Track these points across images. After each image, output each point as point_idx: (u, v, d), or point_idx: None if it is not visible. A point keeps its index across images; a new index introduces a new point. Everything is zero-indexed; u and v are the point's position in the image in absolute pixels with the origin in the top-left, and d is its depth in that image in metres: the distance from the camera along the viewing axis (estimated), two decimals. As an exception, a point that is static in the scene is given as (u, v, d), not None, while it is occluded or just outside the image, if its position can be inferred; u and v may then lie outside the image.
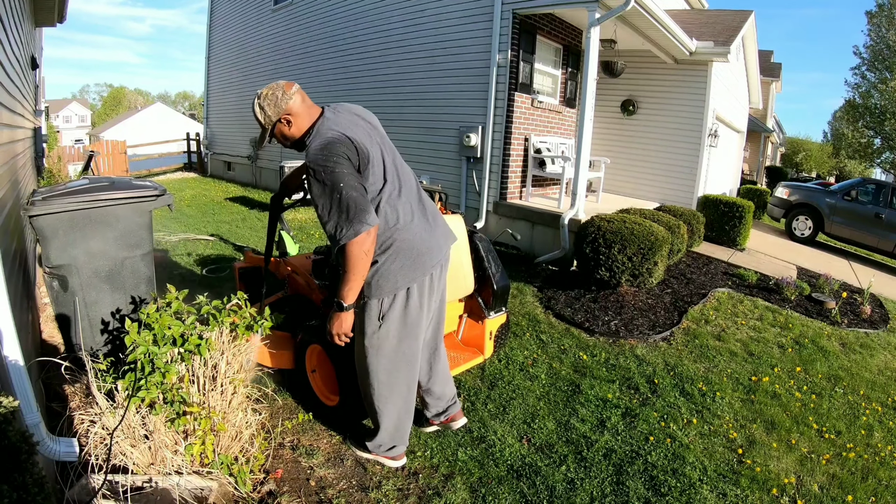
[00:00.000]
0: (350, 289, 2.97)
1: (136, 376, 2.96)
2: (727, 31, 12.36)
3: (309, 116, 3.12)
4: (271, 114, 3.04)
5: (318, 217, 2.95)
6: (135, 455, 3.00)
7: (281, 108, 3.04)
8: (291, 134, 3.13)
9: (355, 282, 2.96)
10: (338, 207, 2.84)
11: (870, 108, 31.24)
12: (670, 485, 3.77)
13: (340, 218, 2.83)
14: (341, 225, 2.83)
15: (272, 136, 3.18)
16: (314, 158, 2.89)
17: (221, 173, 19.06)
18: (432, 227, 3.34)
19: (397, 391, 3.45)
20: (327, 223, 2.90)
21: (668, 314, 6.97)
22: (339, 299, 3.01)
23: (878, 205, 13.67)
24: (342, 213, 2.83)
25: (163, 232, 9.39)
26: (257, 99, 3.06)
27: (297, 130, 3.11)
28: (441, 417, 3.93)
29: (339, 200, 2.83)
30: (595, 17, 8.13)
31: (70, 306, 3.80)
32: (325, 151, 2.89)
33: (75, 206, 3.66)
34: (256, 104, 3.06)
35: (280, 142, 3.23)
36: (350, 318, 3.11)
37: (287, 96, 3.04)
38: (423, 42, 10.82)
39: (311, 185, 2.90)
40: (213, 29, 19.21)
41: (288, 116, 3.06)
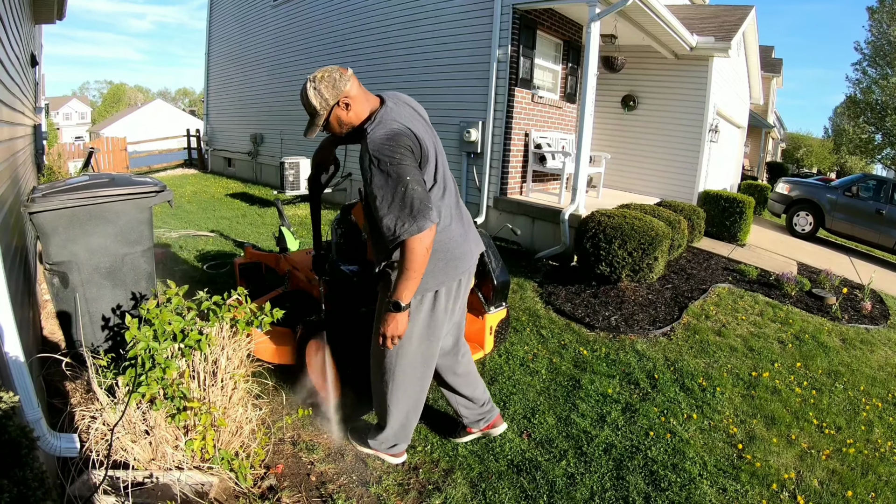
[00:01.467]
0: (408, 287, 2.84)
1: (137, 372, 2.96)
2: (728, 26, 12.34)
3: (367, 102, 2.99)
4: (329, 97, 2.86)
5: (374, 208, 2.83)
6: (136, 451, 3.01)
7: (340, 90, 2.87)
8: (349, 119, 2.95)
9: (414, 280, 2.83)
10: (401, 201, 2.72)
11: (871, 104, 31.17)
12: (670, 479, 3.78)
13: (402, 212, 2.72)
14: (403, 219, 2.72)
15: (327, 123, 2.97)
16: (379, 148, 2.76)
17: (222, 169, 19.06)
18: (466, 232, 3.29)
19: (410, 391, 3.43)
20: (385, 216, 2.76)
21: (668, 309, 6.97)
22: (396, 299, 2.86)
23: (879, 201, 13.68)
24: (405, 207, 2.72)
25: (163, 228, 9.40)
26: (311, 82, 2.88)
27: (355, 116, 2.95)
28: (480, 424, 3.92)
29: (404, 194, 2.72)
30: (595, 12, 8.12)
31: (71, 303, 3.81)
32: (392, 142, 2.79)
33: (75, 203, 3.66)
34: (310, 88, 2.87)
35: (332, 130, 3.03)
36: (406, 319, 2.96)
37: (345, 79, 2.89)
38: (423, 37, 10.82)
39: (373, 175, 2.76)
40: (213, 25, 19.20)
41: (347, 100, 2.89)
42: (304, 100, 2.90)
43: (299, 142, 14.76)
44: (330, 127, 3.00)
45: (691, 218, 9.85)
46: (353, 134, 3.06)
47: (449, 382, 3.74)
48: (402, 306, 2.87)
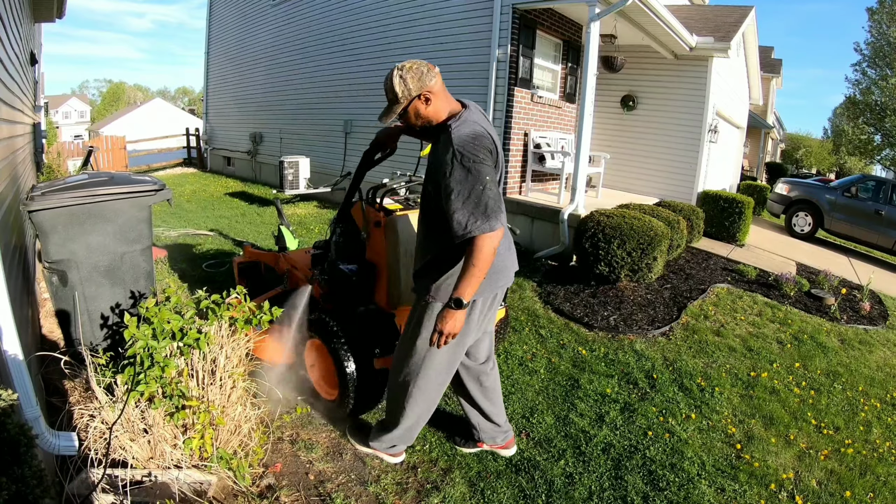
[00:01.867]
0: (471, 285, 2.82)
1: (136, 370, 2.96)
2: (727, 26, 12.35)
3: (447, 103, 3.02)
4: (413, 87, 2.90)
5: (446, 202, 2.82)
6: (134, 449, 3.01)
7: (425, 83, 2.91)
8: (426, 113, 2.99)
9: (478, 278, 2.82)
10: (476, 199, 2.74)
11: (870, 105, 31.18)
12: (669, 479, 3.78)
13: (476, 210, 2.74)
14: (476, 216, 2.73)
15: (405, 112, 3.01)
16: (464, 144, 2.80)
17: (221, 168, 19.05)
18: (509, 248, 3.34)
19: (428, 396, 3.43)
20: (457, 211, 2.76)
21: (667, 309, 6.98)
22: (458, 296, 2.83)
23: (879, 201, 13.68)
24: (479, 205, 2.74)
25: (162, 227, 9.40)
26: (398, 70, 2.91)
27: (433, 111, 2.99)
28: (497, 441, 3.89)
29: (481, 193, 2.75)
30: (595, 12, 8.12)
31: (70, 301, 3.81)
32: (476, 142, 2.84)
33: (74, 201, 3.67)
34: (396, 75, 2.90)
35: (408, 120, 3.08)
36: (464, 317, 2.94)
37: (432, 74, 2.93)
38: (423, 37, 10.81)
39: (454, 169, 2.77)
40: (213, 24, 19.19)
41: (429, 94, 2.93)
42: (388, 85, 2.95)
43: (299, 141, 14.76)
44: (406, 116, 3.05)
45: (690, 218, 9.86)
46: (427, 130, 3.14)
47: (472, 393, 3.72)
48: (464, 304, 2.86)
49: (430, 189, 3.05)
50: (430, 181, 3.05)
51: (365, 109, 12.54)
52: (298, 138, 14.84)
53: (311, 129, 14.34)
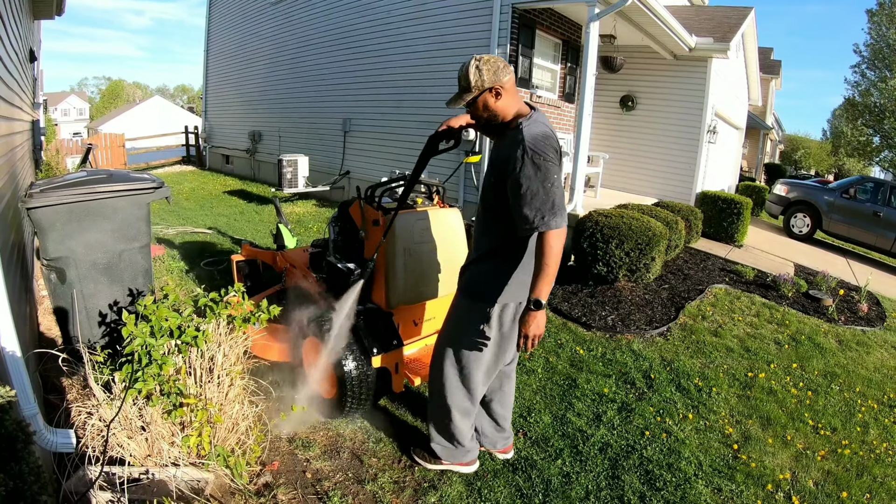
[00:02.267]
0: (547, 283, 2.83)
1: (133, 368, 2.96)
2: (727, 27, 12.36)
3: (515, 103, 3.05)
4: (487, 79, 2.92)
5: (514, 196, 2.85)
6: (132, 447, 3.01)
7: (499, 78, 2.94)
8: (494, 108, 3.01)
9: (552, 276, 2.82)
10: (545, 195, 2.77)
11: (869, 107, 31.19)
12: (665, 479, 3.79)
13: (545, 206, 2.77)
14: (545, 212, 2.76)
15: (474, 101, 3.02)
16: (536, 142, 2.83)
17: (220, 166, 19.04)
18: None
19: (470, 399, 3.43)
20: (525, 205, 2.79)
21: (665, 310, 6.98)
22: (536, 297, 2.84)
23: (877, 203, 13.69)
24: (548, 202, 2.77)
25: (161, 225, 9.39)
26: (475, 60, 2.95)
27: (501, 107, 3.01)
28: (498, 446, 3.88)
29: (550, 190, 2.79)
30: (595, 13, 8.13)
31: (68, 298, 3.81)
32: (547, 141, 2.88)
33: (73, 199, 3.66)
34: (473, 64, 2.94)
35: (475, 110, 3.09)
36: (544, 317, 2.93)
37: (506, 71, 2.96)
38: (423, 36, 10.81)
39: (524, 165, 2.79)
40: (213, 22, 19.17)
41: (500, 89, 2.95)
42: (463, 73, 2.98)
43: (298, 139, 14.76)
44: (474, 107, 3.05)
45: (689, 218, 9.86)
46: (490, 125, 3.14)
47: (489, 396, 3.71)
48: (543, 304, 2.86)
49: (493, 181, 3.08)
50: (494, 175, 3.07)
51: (364, 108, 12.54)
52: (297, 137, 14.83)
53: (310, 128, 14.34)
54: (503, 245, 3.10)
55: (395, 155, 11.66)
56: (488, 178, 3.15)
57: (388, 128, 11.89)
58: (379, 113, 12.12)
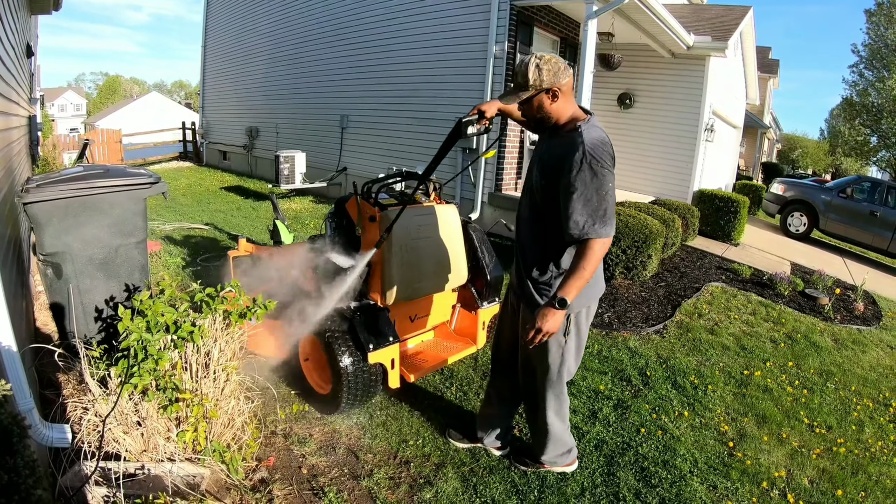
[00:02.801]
0: (577, 287, 2.81)
1: (129, 363, 2.96)
2: (725, 26, 12.37)
3: (570, 106, 3.00)
4: (546, 79, 2.85)
5: (566, 200, 2.82)
6: (127, 442, 3.01)
7: (558, 79, 2.87)
8: (549, 109, 2.96)
9: (585, 280, 2.81)
10: (597, 203, 2.76)
11: (867, 107, 31.27)
12: (661, 476, 3.79)
13: (596, 214, 2.76)
14: (595, 220, 2.76)
15: (529, 100, 2.97)
16: (594, 147, 2.80)
17: (217, 163, 19.01)
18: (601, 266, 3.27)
19: (564, 402, 3.50)
20: (575, 210, 2.78)
21: (661, 307, 6.99)
22: (563, 296, 2.81)
23: (874, 202, 13.73)
24: (599, 209, 2.77)
25: (158, 221, 9.38)
26: (536, 58, 2.87)
27: (556, 109, 2.95)
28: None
29: (603, 198, 2.78)
30: (593, 10, 8.12)
31: (64, 294, 3.80)
32: (605, 148, 2.86)
33: (70, 194, 3.66)
34: (533, 63, 2.86)
35: (529, 109, 3.03)
36: (563, 317, 2.93)
37: (566, 73, 2.90)
38: (422, 33, 10.81)
39: (581, 169, 2.76)
40: (210, 18, 19.13)
41: (558, 91, 2.89)
42: (521, 69, 2.91)
43: (295, 136, 14.74)
44: (529, 105, 3.00)
45: (686, 217, 9.88)
46: (541, 124, 3.10)
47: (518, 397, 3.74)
48: (567, 304, 2.84)
49: (544, 183, 3.01)
50: (546, 176, 3.00)
51: (361, 105, 12.54)
52: (294, 133, 14.82)
53: (308, 124, 14.33)
54: (562, 253, 3.08)
55: (393, 151, 11.66)
56: (538, 180, 3.07)
57: (385, 124, 11.89)
58: (376, 109, 12.12)
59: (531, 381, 3.44)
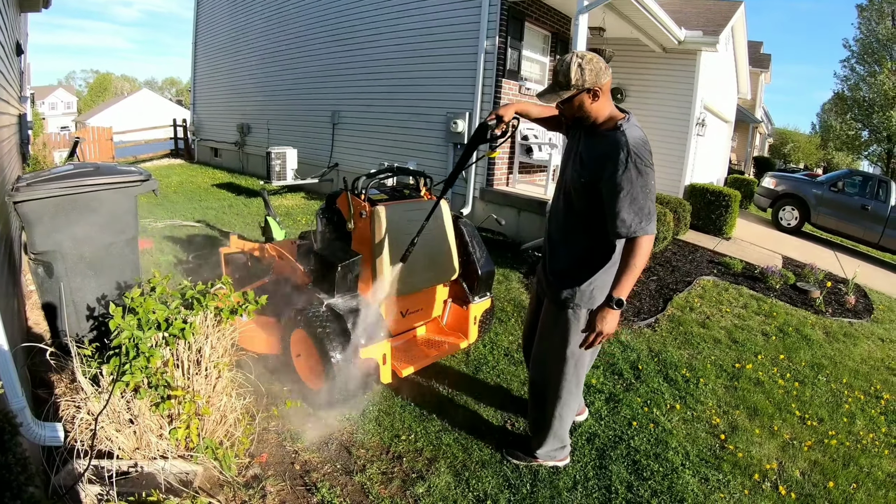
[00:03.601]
0: (631, 284, 2.87)
1: (121, 361, 2.96)
2: (717, 20, 12.40)
3: (609, 105, 3.02)
4: (588, 79, 2.88)
5: (612, 199, 2.85)
6: (120, 440, 3.01)
7: (600, 79, 2.91)
8: (589, 108, 2.97)
9: (636, 277, 2.87)
10: (643, 201, 2.80)
11: (858, 101, 31.53)
12: (653, 469, 3.81)
13: (642, 212, 2.80)
14: (641, 217, 2.80)
15: (570, 100, 2.97)
16: (638, 146, 2.84)
17: (208, 160, 18.97)
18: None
19: (576, 398, 3.54)
20: (623, 209, 2.81)
21: (653, 301, 7.02)
22: (618, 296, 2.87)
23: (865, 196, 13.78)
24: (645, 208, 2.80)
25: (149, 218, 9.35)
26: (577, 57, 2.88)
27: (596, 108, 2.98)
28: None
29: (647, 196, 2.82)
30: (584, 5, 8.11)
31: (55, 292, 3.79)
32: (647, 147, 2.89)
33: (60, 192, 3.65)
34: (575, 62, 2.87)
35: (568, 108, 3.04)
36: (618, 316, 2.96)
37: (607, 73, 2.93)
38: (413, 27, 10.78)
39: (627, 168, 2.79)
40: (201, 13, 19.06)
41: (598, 91, 2.92)
42: (563, 69, 2.92)
43: (286, 132, 14.71)
44: (570, 105, 3.00)
45: (677, 211, 9.91)
46: (578, 122, 3.11)
47: None
48: (623, 303, 2.89)
49: (584, 182, 3.02)
50: (586, 174, 3.00)
51: (352, 100, 12.51)
52: (286, 129, 14.78)
53: (299, 120, 14.30)
54: (594, 251, 3.13)
55: (384, 146, 11.65)
56: (576, 178, 3.08)
57: (376, 120, 11.87)
58: (367, 105, 12.10)
59: (542, 374, 3.50)
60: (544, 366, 3.48)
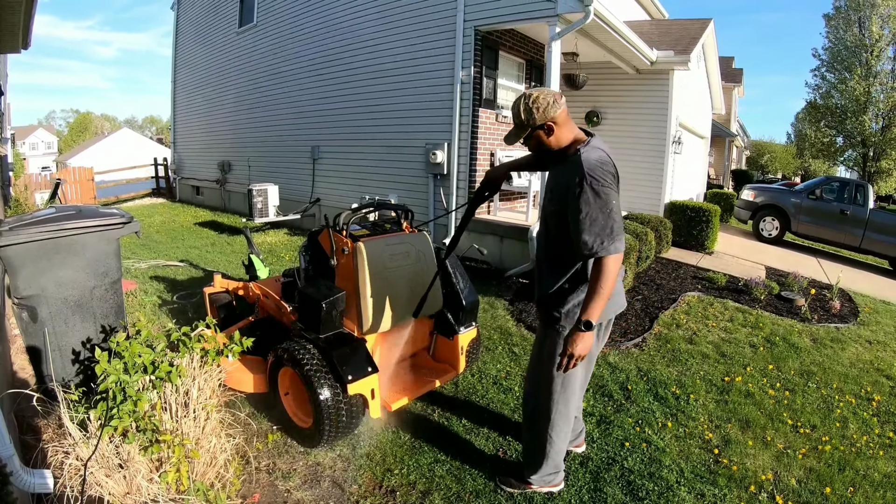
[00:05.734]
0: (600, 306, 2.92)
1: (108, 405, 2.94)
2: (687, 39, 12.54)
3: (569, 130, 3.11)
4: (537, 117, 3.01)
5: (574, 222, 2.94)
6: (110, 485, 2.98)
7: (548, 114, 3.00)
8: (547, 141, 3.10)
9: (604, 299, 2.92)
10: (604, 221, 2.86)
11: (830, 108, 32.00)
12: (648, 488, 3.81)
13: (604, 231, 2.86)
14: (603, 238, 2.86)
15: (529, 138, 3.14)
16: (593, 168, 2.90)
17: (190, 198, 18.94)
18: (622, 277, 3.46)
19: (567, 420, 3.52)
20: (585, 231, 2.88)
21: (639, 320, 7.04)
22: (587, 318, 2.92)
23: (843, 201, 13.95)
24: (606, 227, 2.86)
25: (133, 259, 9.31)
26: (525, 99, 3.04)
27: (554, 140, 3.09)
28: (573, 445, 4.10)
29: (608, 216, 2.87)
30: (556, 31, 8.21)
31: (40, 337, 3.77)
32: (605, 168, 2.94)
33: (43, 236, 3.65)
34: (523, 104, 3.04)
35: (531, 145, 3.20)
36: (592, 338, 3.03)
37: (556, 106, 3.01)
38: (390, 60, 10.85)
39: (583, 191, 2.87)
40: (179, 52, 19.15)
41: (552, 125, 3.03)
42: (515, 111, 3.10)
43: (267, 168, 14.73)
44: (530, 141, 3.16)
45: (658, 229, 9.97)
46: (549, 154, 3.21)
47: None
48: (593, 326, 2.94)
49: (553, 209, 3.17)
50: (554, 202, 3.15)
51: (332, 135, 12.57)
52: (266, 166, 14.81)
53: (279, 156, 14.33)
54: (577, 273, 3.18)
55: (365, 180, 11.68)
56: (548, 206, 3.23)
57: (356, 153, 11.90)
58: (347, 139, 12.14)
59: (533, 395, 3.55)
60: (534, 386, 3.53)
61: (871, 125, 30.32)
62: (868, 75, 29.87)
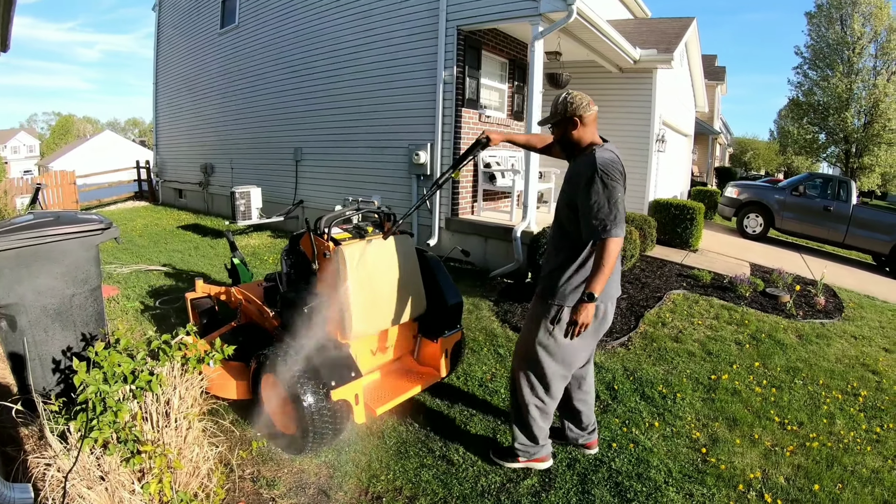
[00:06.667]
0: (601, 282, 3.27)
1: (88, 416, 2.90)
2: (670, 38, 12.56)
3: (591, 134, 3.60)
4: (570, 110, 3.51)
5: (584, 208, 3.35)
6: (92, 497, 2.94)
7: (577, 111, 3.51)
8: (571, 134, 3.58)
9: (606, 275, 3.27)
10: (609, 209, 3.26)
11: (813, 105, 32.29)
12: (636, 489, 3.80)
13: (609, 217, 3.25)
14: (608, 222, 3.25)
15: (557, 124, 3.63)
16: (605, 165, 3.33)
17: (173, 201, 18.83)
18: (619, 269, 3.81)
19: (545, 392, 3.80)
20: (593, 216, 3.28)
21: (624, 320, 7.04)
22: (591, 290, 3.28)
23: (826, 197, 14.07)
24: (611, 214, 3.26)
25: (114, 264, 9.23)
26: (567, 95, 3.55)
27: (578, 135, 3.58)
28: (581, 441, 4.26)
29: (614, 205, 3.27)
30: (538, 31, 8.21)
31: (20, 346, 3.73)
32: (614, 166, 3.38)
33: (20, 244, 3.60)
34: (562, 97, 3.55)
35: (557, 132, 3.69)
36: (593, 309, 3.39)
37: (588, 108, 3.53)
38: (372, 61, 10.80)
39: (595, 183, 3.29)
40: (161, 54, 19.01)
41: (579, 120, 3.52)
42: (556, 100, 3.60)
43: (250, 171, 14.65)
44: (557, 128, 3.67)
45: (643, 227, 9.98)
46: (565, 147, 3.73)
47: (573, 394, 4.11)
48: (595, 297, 3.29)
49: (566, 200, 3.60)
50: (569, 192, 3.58)
51: (315, 136, 12.52)
52: (249, 168, 14.73)
53: (262, 158, 14.25)
54: (575, 257, 3.55)
55: (348, 181, 11.62)
56: (563, 197, 3.66)
57: (339, 155, 11.85)
58: (329, 140, 12.09)
59: (517, 360, 3.89)
60: (519, 350, 3.88)
61: (853, 121, 30.68)
62: (850, 72, 30.21)
